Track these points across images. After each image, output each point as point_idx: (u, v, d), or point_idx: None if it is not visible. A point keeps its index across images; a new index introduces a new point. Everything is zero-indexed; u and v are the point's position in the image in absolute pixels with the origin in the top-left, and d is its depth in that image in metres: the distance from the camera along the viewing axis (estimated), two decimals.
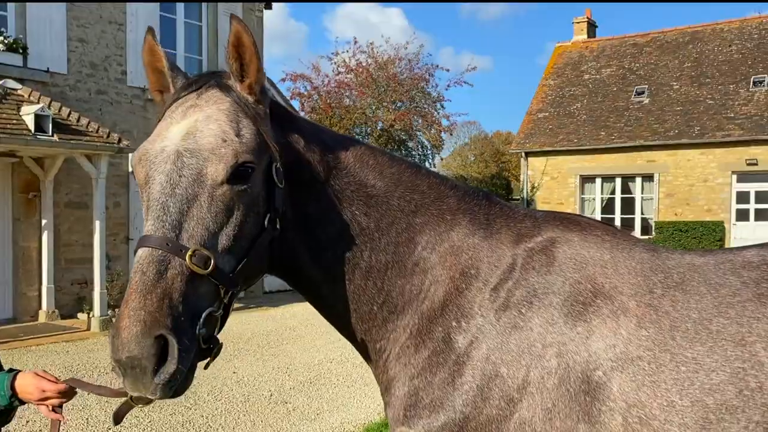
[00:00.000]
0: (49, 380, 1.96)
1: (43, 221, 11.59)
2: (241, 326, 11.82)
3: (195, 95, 1.86)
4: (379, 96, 26.39)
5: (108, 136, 11.12)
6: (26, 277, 11.64)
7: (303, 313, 13.63)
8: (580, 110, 26.18)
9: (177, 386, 1.55)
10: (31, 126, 9.99)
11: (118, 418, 1.83)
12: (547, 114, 26.80)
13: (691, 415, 1.65)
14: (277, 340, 10.70)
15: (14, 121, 9.93)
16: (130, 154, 12.60)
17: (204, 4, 15.00)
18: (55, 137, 10.23)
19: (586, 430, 1.70)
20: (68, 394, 1.98)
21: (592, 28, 30.05)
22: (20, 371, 2.02)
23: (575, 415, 1.70)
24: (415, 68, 27.08)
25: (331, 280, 1.94)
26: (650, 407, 1.67)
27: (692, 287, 1.78)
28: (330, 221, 1.90)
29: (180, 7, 14.52)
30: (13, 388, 1.96)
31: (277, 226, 1.78)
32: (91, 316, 11.16)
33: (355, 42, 26.27)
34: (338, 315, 2.02)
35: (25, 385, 1.95)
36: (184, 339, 1.55)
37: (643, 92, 25.50)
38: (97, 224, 11.12)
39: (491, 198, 2.12)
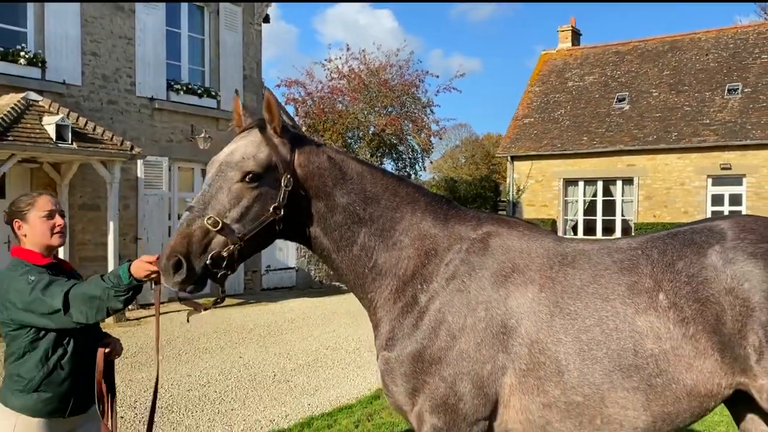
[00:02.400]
0: (148, 258, 2.87)
1: None
2: (244, 318, 12.77)
3: (247, 131, 2.83)
4: (370, 101, 27.22)
5: (121, 144, 12.07)
6: None
7: (299, 307, 14.62)
8: (564, 116, 27.22)
9: (188, 285, 2.57)
10: (53, 135, 10.93)
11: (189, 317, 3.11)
12: (532, 119, 27.84)
13: (572, 347, 2.62)
14: (277, 330, 11.65)
15: (37, 131, 10.87)
16: (139, 161, 13.57)
17: (206, 20, 15.94)
18: (75, 145, 11.18)
19: (503, 357, 2.67)
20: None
21: (576, 36, 31.09)
22: (131, 261, 2.91)
23: (496, 347, 2.67)
24: (405, 74, 27.98)
25: (337, 250, 2.90)
26: (545, 342, 2.64)
27: (579, 265, 2.76)
28: (338, 212, 2.87)
29: (184, 21, 15.47)
30: (130, 271, 2.88)
31: (280, 213, 2.74)
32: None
33: (348, 49, 27.28)
34: (342, 273, 2.98)
35: (136, 267, 2.84)
36: (194, 262, 2.57)
37: (623, 99, 26.56)
38: (111, 225, 12.07)
39: (450, 203, 3.11)
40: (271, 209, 2.71)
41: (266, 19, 17.41)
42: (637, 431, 2.56)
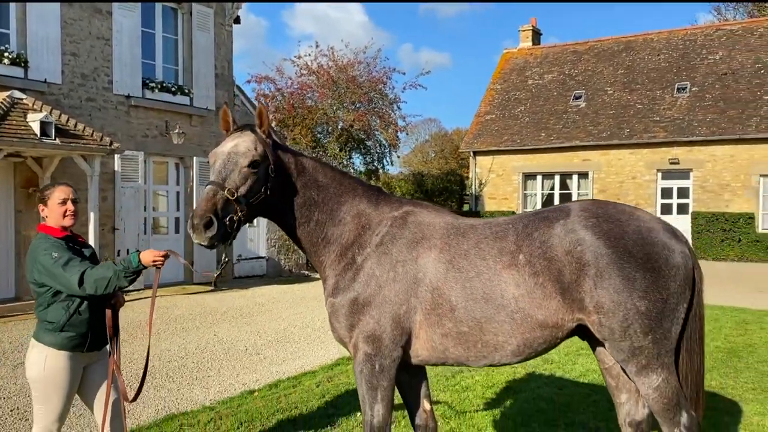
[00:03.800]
0: (155, 252, 3.83)
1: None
2: (217, 303, 13.68)
3: (239, 132, 3.76)
4: (339, 97, 27.91)
5: (101, 140, 12.89)
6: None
7: (269, 293, 15.55)
8: (524, 113, 28.43)
9: (216, 240, 3.42)
10: (37, 131, 11.72)
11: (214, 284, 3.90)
12: (493, 116, 29.00)
13: (460, 292, 3.62)
14: (249, 312, 12.59)
15: (23, 128, 11.64)
16: (116, 155, 14.37)
17: (180, 21, 16.75)
18: (58, 140, 11.98)
19: (414, 300, 3.67)
20: (164, 259, 3.84)
21: (536, 35, 32.33)
22: (140, 251, 3.87)
23: (409, 293, 3.68)
24: (373, 71, 28.80)
25: (298, 225, 3.86)
26: (443, 289, 3.65)
27: (468, 234, 3.77)
28: (299, 196, 3.84)
29: (159, 22, 16.27)
30: (139, 258, 3.83)
31: (268, 192, 3.67)
32: None
33: (317, 46, 28.05)
34: (301, 242, 3.94)
35: (144, 255, 3.81)
36: (217, 221, 3.42)
37: (580, 97, 27.85)
38: (92, 215, 12.88)
39: (380, 190, 4.10)
40: (263, 189, 3.65)
41: (237, 20, 18.24)
42: (507, 353, 3.59)
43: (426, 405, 4.07)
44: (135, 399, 4.23)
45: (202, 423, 5.95)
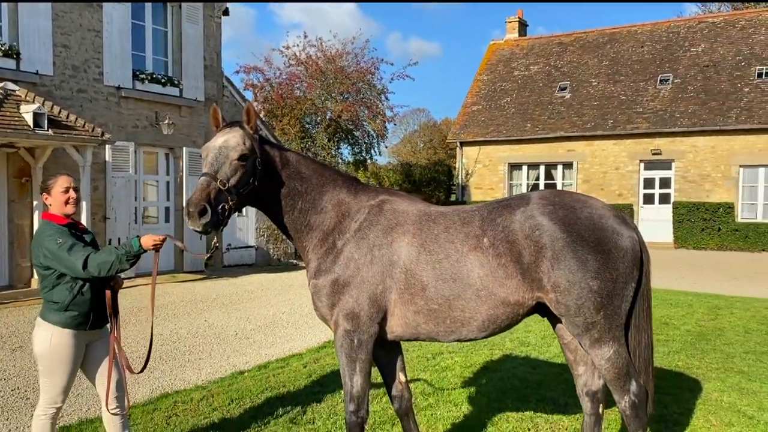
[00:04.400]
0: (155, 236, 4.18)
1: (34, 202, 13.52)
2: (207, 291, 14.01)
3: (229, 128, 4.08)
4: (327, 88, 28.12)
5: (93, 130, 13.16)
6: (20, 250, 13.59)
7: (258, 281, 15.88)
8: (510, 104, 28.79)
9: (209, 227, 3.75)
10: (30, 122, 11.97)
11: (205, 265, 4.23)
12: (480, 107, 29.35)
13: (431, 273, 3.97)
14: (239, 299, 12.93)
15: (16, 119, 11.89)
16: (107, 146, 14.63)
17: (169, 13, 16.98)
18: (50, 131, 12.23)
19: (389, 281, 4.02)
20: (162, 242, 4.18)
21: (523, 27, 32.67)
22: (140, 236, 4.22)
23: (385, 274, 4.03)
24: (361, 62, 29.07)
25: (284, 213, 4.20)
26: (415, 270, 4.00)
27: (438, 221, 4.13)
28: (284, 186, 4.17)
29: (148, 15, 16.49)
30: (140, 243, 4.17)
31: (256, 183, 4.00)
32: None
33: (305, 36, 28.23)
34: (286, 229, 4.28)
35: (144, 239, 4.14)
36: (210, 209, 3.74)
37: (565, 88, 28.23)
38: (84, 205, 13.14)
39: (358, 181, 4.45)
40: (251, 180, 3.98)
41: (226, 12, 18.48)
42: (473, 328, 3.96)
43: (401, 378, 4.44)
44: (142, 371, 4.58)
45: (195, 400, 6.30)
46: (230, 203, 3.84)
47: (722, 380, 7.01)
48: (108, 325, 4.47)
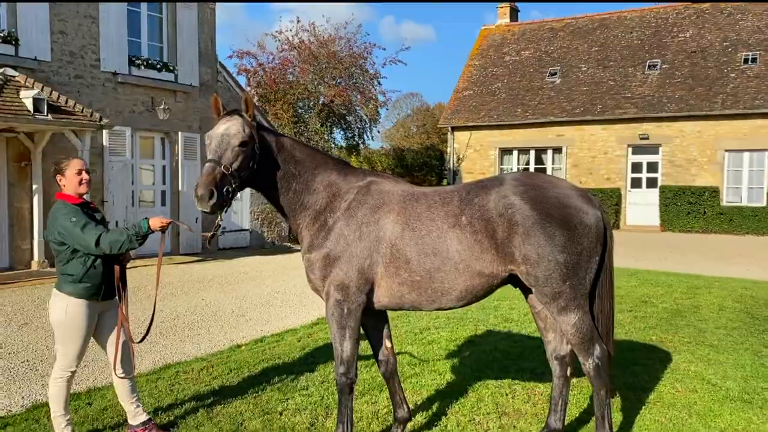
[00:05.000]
0: (162, 219, 4.57)
1: (34, 186, 13.86)
2: (204, 272, 14.40)
3: (229, 116, 4.45)
4: (320, 73, 28.28)
5: (91, 116, 13.47)
6: (20, 232, 13.94)
7: (253, 263, 16.28)
8: (501, 89, 29.13)
9: (216, 207, 4.12)
10: (30, 107, 12.28)
11: (209, 244, 4.59)
12: (471, 92, 29.68)
13: (414, 248, 4.36)
14: (234, 280, 13.32)
15: (16, 104, 12.19)
16: (105, 131, 14.95)
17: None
18: (50, 117, 12.55)
19: (376, 255, 4.41)
20: (169, 224, 4.59)
21: (514, 12, 32.92)
22: (148, 218, 4.61)
23: (372, 249, 4.42)
24: (353, 47, 29.23)
25: (280, 194, 4.58)
26: (399, 245, 4.39)
27: (420, 201, 4.51)
28: (280, 170, 4.55)
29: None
30: (149, 224, 4.56)
31: (255, 166, 4.39)
32: None
33: (298, 21, 28.39)
34: (282, 209, 4.67)
35: (152, 221, 4.55)
36: (216, 191, 4.11)
37: (555, 73, 28.58)
38: None
39: (348, 164, 4.84)
40: (251, 164, 4.35)
41: None
42: (452, 297, 4.37)
43: (387, 344, 4.86)
44: (141, 341, 4.98)
45: (195, 370, 6.72)
46: (233, 186, 4.22)
47: (692, 352, 7.46)
48: (117, 298, 4.87)
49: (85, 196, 4.84)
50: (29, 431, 5.11)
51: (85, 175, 4.77)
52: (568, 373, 4.79)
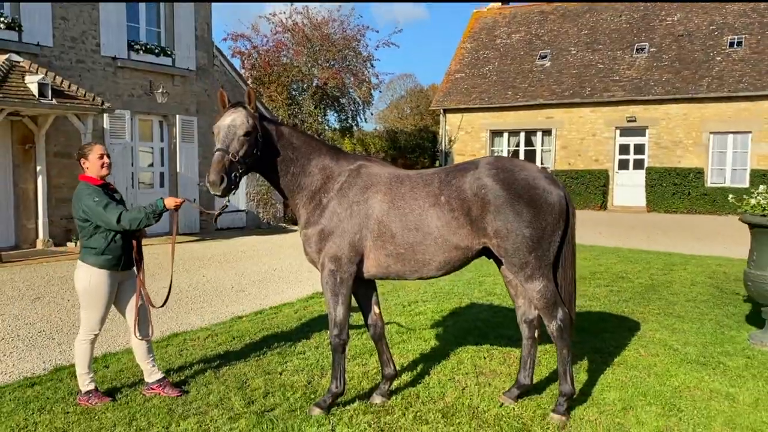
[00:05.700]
0: (175, 198, 5.14)
1: (38, 167, 14.36)
2: (203, 251, 14.97)
3: (233, 108, 4.99)
4: (314, 55, 28.61)
5: (93, 100, 13.96)
6: (25, 212, 14.46)
7: (250, 242, 16.85)
8: (492, 72, 29.59)
9: (226, 191, 4.68)
10: (35, 92, 12.76)
11: (215, 221, 5.17)
12: (463, 75, 30.13)
13: (399, 224, 4.94)
14: (233, 258, 13.90)
15: (22, 89, 12.67)
16: (105, 114, 15.43)
17: None
18: (54, 101, 13.03)
19: (365, 231, 4.98)
20: (182, 203, 5.18)
21: None
22: (163, 198, 5.17)
23: (361, 225, 4.99)
24: (347, 29, 29.54)
25: (279, 177, 5.13)
26: (385, 222, 4.96)
27: (406, 183, 5.08)
28: (279, 155, 5.11)
29: None
30: (164, 203, 5.13)
31: (258, 153, 4.95)
32: (77, 243, 14.06)
33: (292, 3, 28.63)
34: (281, 190, 5.23)
35: (167, 201, 5.12)
36: (226, 177, 4.66)
37: (545, 56, 29.04)
38: None
39: (340, 149, 5.41)
40: (254, 151, 4.91)
41: None
42: (432, 268, 4.95)
43: (375, 309, 5.45)
44: (163, 305, 5.59)
45: (201, 338, 7.31)
46: (239, 171, 4.78)
47: (659, 322, 8.07)
48: (134, 269, 5.44)
49: (106, 178, 5.39)
50: (54, 389, 5.69)
51: (106, 159, 5.32)
52: (536, 335, 5.40)
